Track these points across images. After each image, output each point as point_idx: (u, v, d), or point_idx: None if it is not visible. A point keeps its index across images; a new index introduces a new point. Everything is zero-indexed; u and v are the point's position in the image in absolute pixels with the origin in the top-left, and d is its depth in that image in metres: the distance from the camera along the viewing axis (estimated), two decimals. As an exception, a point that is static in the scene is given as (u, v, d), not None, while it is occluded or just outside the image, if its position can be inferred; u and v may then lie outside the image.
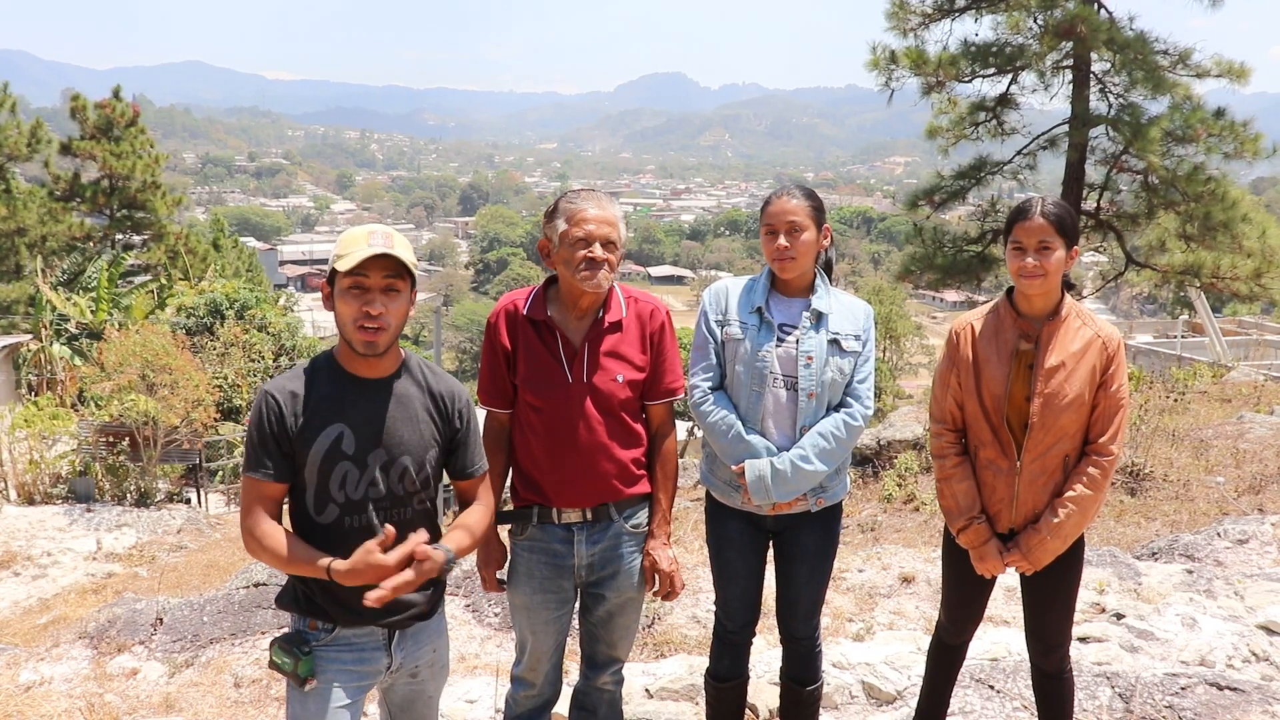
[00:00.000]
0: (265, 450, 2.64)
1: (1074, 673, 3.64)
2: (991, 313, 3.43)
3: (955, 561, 3.55)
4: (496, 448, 3.35)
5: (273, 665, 2.72)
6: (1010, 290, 3.41)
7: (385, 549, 2.55)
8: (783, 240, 3.36)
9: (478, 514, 2.92)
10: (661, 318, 3.37)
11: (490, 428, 3.37)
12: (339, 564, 2.56)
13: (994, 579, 3.54)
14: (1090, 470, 3.27)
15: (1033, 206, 3.24)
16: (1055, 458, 3.30)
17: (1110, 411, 3.27)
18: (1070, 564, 3.40)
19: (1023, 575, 3.48)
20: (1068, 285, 3.37)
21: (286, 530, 2.68)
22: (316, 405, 2.66)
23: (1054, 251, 3.20)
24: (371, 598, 2.51)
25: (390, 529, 2.57)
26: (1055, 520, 3.27)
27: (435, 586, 2.87)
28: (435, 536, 2.76)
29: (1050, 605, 3.47)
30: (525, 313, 3.27)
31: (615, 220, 3.19)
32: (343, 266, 2.60)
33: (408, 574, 2.56)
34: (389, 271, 2.64)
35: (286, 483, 2.68)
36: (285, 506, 2.79)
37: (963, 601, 3.62)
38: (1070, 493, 3.27)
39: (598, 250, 3.13)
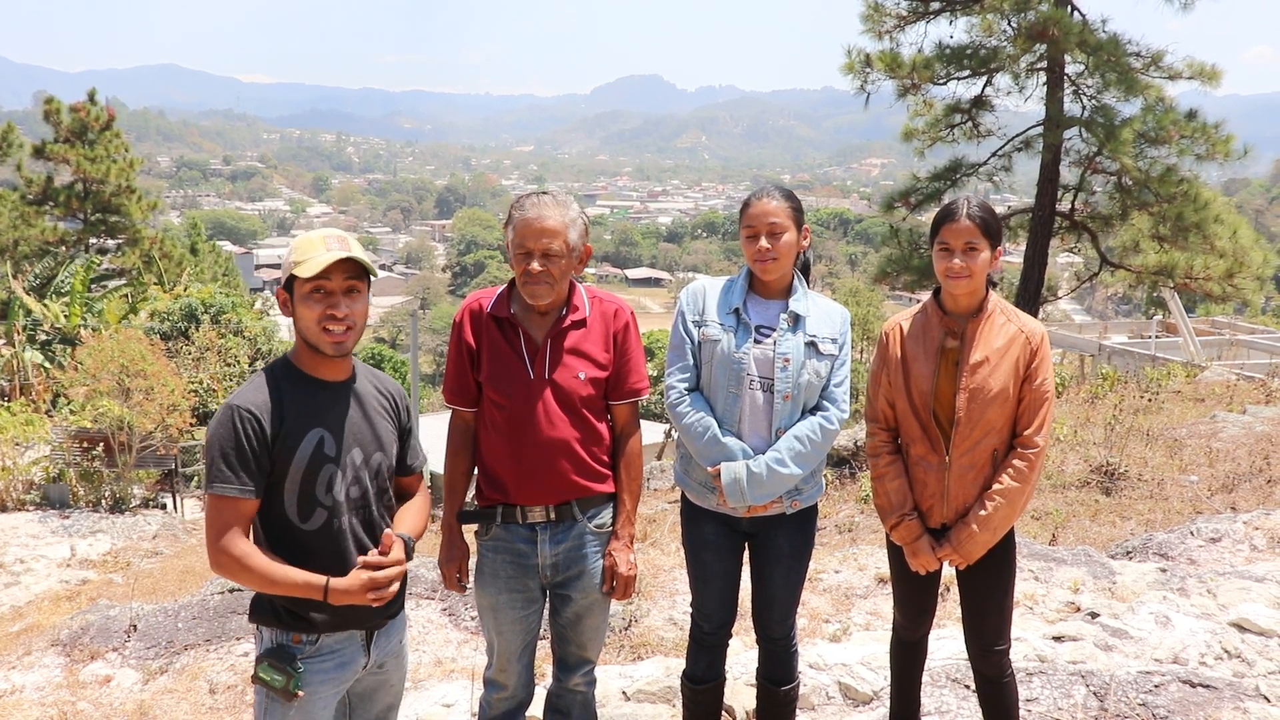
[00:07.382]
0: (244, 466, 2.59)
1: (1051, 674, 3.65)
2: (919, 312, 3.52)
3: (900, 558, 3.59)
4: (461, 447, 3.36)
5: (259, 681, 2.68)
6: (937, 290, 3.48)
7: (384, 553, 2.68)
8: (764, 242, 3.37)
9: (419, 502, 3.03)
10: (625, 317, 3.37)
11: (455, 427, 3.38)
12: (338, 582, 2.60)
13: (939, 573, 3.59)
14: (1016, 463, 3.34)
15: (959, 209, 3.31)
16: (983, 452, 3.36)
17: (1035, 405, 3.34)
18: (1002, 559, 3.47)
19: (959, 574, 3.54)
20: (991, 284, 3.44)
21: (267, 550, 2.66)
22: (293, 413, 2.66)
23: (980, 253, 3.28)
24: (373, 598, 2.64)
25: (390, 534, 2.70)
26: (983, 513, 3.33)
27: (403, 578, 2.89)
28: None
29: (986, 601, 3.51)
30: (489, 311, 3.28)
31: (560, 229, 3.14)
32: (305, 272, 2.63)
33: (399, 569, 2.69)
34: (349, 274, 2.69)
35: (260, 499, 2.64)
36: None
37: (911, 597, 3.68)
38: (997, 485, 3.34)
39: (534, 265, 3.13)
